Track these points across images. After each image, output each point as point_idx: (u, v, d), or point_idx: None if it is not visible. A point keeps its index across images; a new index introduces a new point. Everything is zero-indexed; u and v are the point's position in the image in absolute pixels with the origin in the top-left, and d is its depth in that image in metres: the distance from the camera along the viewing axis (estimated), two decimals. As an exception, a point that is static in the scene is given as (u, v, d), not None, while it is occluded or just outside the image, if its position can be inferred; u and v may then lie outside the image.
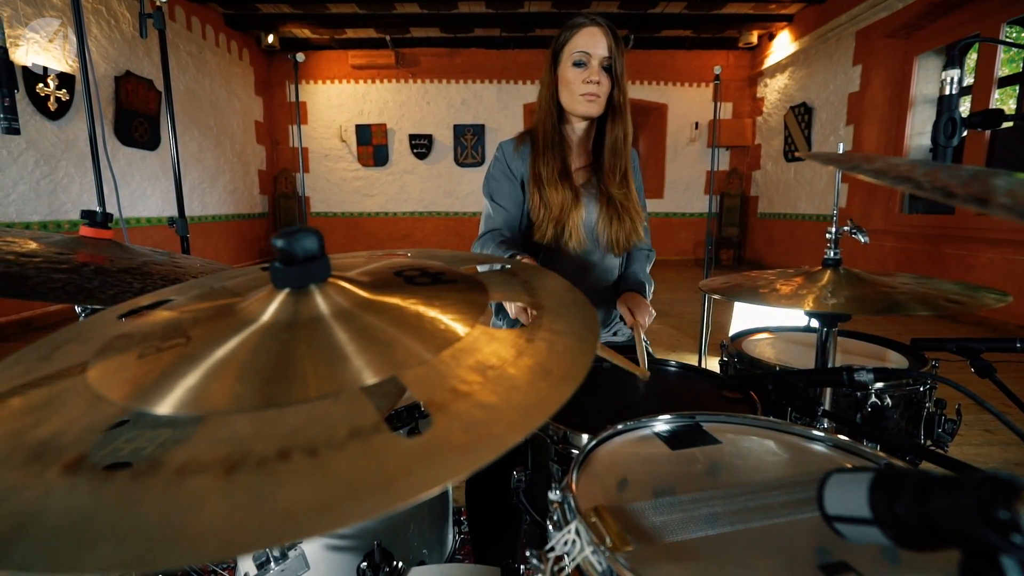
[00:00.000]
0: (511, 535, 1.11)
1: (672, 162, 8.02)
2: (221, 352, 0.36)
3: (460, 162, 7.84)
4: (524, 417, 0.28)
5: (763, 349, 1.35)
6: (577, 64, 1.20)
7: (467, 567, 0.81)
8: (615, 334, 1.35)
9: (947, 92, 0.77)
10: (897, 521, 0.31)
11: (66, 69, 4.06)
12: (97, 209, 0.87)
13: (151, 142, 5.12)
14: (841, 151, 0.99)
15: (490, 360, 0.33)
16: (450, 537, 1.06)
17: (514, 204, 1.31)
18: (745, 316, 2.60)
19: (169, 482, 0.24)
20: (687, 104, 7.84)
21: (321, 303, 0.41)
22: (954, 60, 0.77)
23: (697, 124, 7.84)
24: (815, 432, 0.62)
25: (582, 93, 1.21)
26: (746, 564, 0.43)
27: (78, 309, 0.85)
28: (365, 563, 0.81)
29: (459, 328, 0.38)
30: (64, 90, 4.03)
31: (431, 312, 0.40)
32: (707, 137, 7.88)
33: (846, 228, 0.93)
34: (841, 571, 0.41)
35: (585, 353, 0.35)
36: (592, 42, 1.20)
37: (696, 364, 1.09)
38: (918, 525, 0.30)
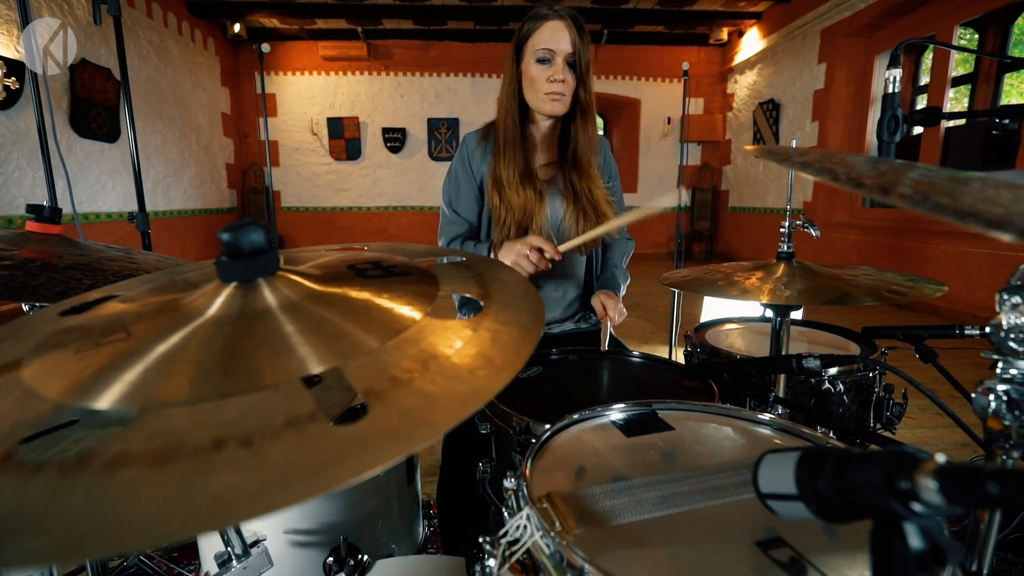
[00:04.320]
0: (481, 527, 1.13)
1: (645, 156, 8.11)
2: (163, 347, 0.36)
3: (434, 156, 7.77)
4: (461, 404, 0.29)
5: (733, 339, 1.39)
6: (541, 61, 1.16)
7: (432, 558, 0.81)
8: (578, 321, 1.37)
9: (890, 90, 0.81)
10: (819, 496, 0.33)
11: (15, 56, 3.87)
12: (45, 203, 0.84)
13: (111, 134, 4.93)
14: (795, 146, 1.03)
15: (434, 349, 0.34)
16: (420, 530, 1.06)
17: (473, 213, 1.29)
18: (715, 308, 2.67)
19: (98, 476, 0.24)
20: (660, 99, 7.93)
21: (269, 296, 0.40)
22: (896, 60, 0.81)
23: (670, 119, 7.94)
24: (760, 417, 0.64)
25: (547, 92, 1.17)
26: (688, 542, 0.45)
27: (26, 307, 0.83)
28: (331, 558, 0.81)
29: (406, 319, 0.38)
30: (13, 78, 3.84)
31: (379, 303, 0.40)
32: (680, 132, 7.99)
33: (799, 223, 0.97)
34: (776, 546, 0.44)
35: (528, 342, 0.36)
36: (556, 37, 1.15)
37: (665, 355, 1.12)
38: (837, 499, 0.32)
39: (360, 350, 0.34)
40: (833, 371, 1.08)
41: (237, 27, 6.73)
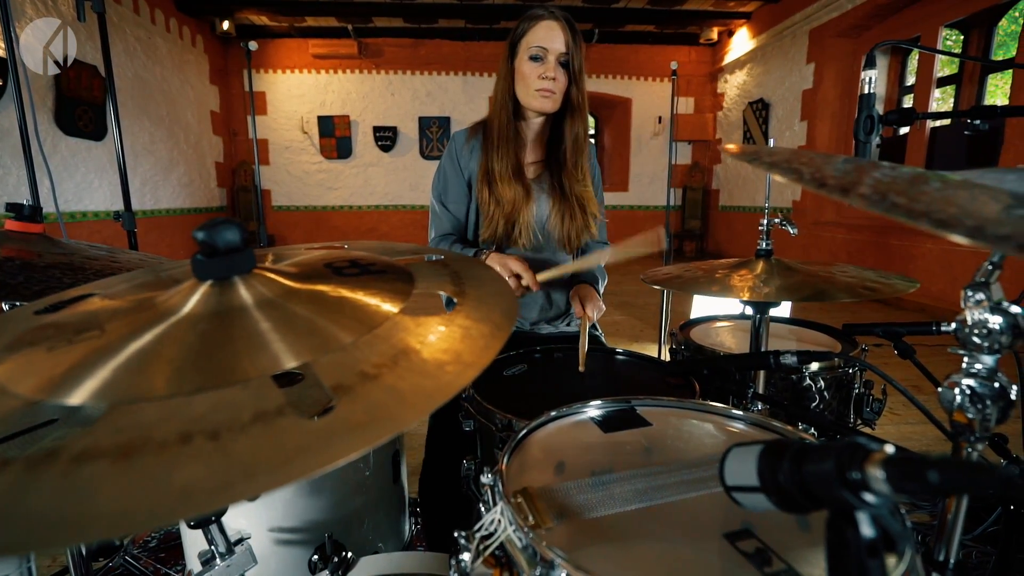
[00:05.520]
0: (465, 524, 1.13)
1: (636, 155, 8.14)
2: (137, 344, 0.36)
3: (426, 155, 7.75)
4: (426, 399, 0.29)
5: (723, 337, 1.40)
6: (533, 58, 1.18)
7: (416, 554, 0.82)
8: (568, 324, 1.38)
9: (866, 91, 0.82)
10: (779, 487, 0.34)
11: (-1, 53, 3.81)
12: (25, 202, 0.83)
13: (97, 132, 4.87)
14: (771, 146, 1.05)
15: (404, 345, 0.35)
16: (406, 528, 1.07)
17: (461, 208, 1.31)
18: (705, 306, 2.68)
19: (64, 470, 0.25)
20: (651, 98, 7.96)
21: (244, 293, 0.41)
22: (872, 61, 0.82)
23: (661, 118, 7.97)
24: (737, 413, 0.65)
25: (538, 88, 1.19)
26: (659, 536, 0.46)
27: (5, 307, 0.82)
28: (316, 556, 0.82)
29: (379, 315, 0.39)
30: (-3, 75, 3.79)
31: (354, 300, 0.41)
32: (670, 131, 8.04)
33: (776, 220, 0.98)
34: (744, 538, 0.45)
35: (497, 338, 0.36)
36: (549, 36, 1.17)
37: (654, 353, 1.12)
38: (795, 490, 0.33)
39: (332, 346, 0.35)
40: (814, 368, 1.10)
41: (226, 24, 6.67)
